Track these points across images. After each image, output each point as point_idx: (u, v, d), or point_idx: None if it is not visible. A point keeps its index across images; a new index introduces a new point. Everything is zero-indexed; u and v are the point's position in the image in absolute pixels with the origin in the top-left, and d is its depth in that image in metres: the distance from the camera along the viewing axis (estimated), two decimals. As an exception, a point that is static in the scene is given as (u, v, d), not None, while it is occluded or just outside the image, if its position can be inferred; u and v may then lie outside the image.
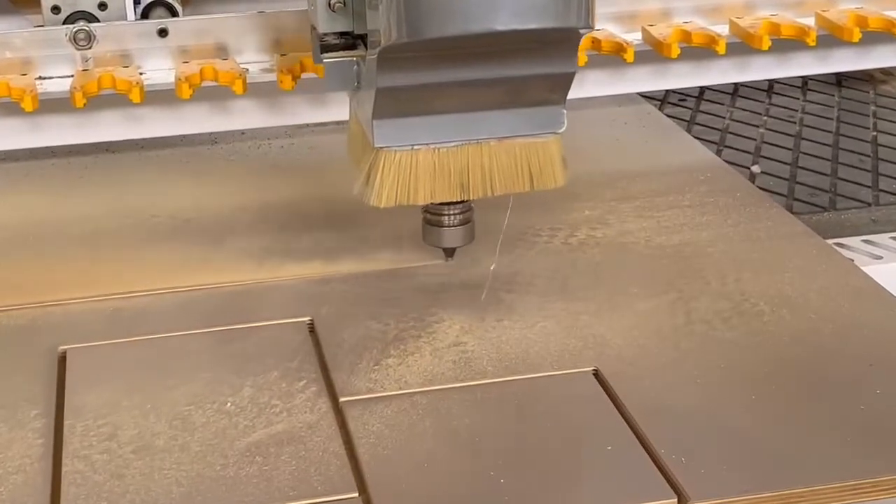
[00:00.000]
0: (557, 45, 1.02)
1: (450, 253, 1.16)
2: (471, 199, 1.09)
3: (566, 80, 1.05)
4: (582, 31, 1.01)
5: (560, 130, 1.08)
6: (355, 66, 1.07)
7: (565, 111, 1.07)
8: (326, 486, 0.87)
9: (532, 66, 1.03)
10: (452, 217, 1.13)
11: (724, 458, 0.88)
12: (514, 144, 1.07)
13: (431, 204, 1.11)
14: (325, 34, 1.08)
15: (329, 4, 1.07)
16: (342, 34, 1.08)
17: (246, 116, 1.43)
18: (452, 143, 1.06)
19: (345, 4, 1.07)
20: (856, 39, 1.41)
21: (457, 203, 1.12)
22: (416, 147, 1.06)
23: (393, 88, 1.02)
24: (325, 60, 1.08)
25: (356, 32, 1.07)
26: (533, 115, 1.06)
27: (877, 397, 0.95)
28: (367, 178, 1.07)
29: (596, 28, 1.25)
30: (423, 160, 1.06)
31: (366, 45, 1.06)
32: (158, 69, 1.36)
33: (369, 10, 1.02)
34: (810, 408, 0.94)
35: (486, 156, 1.07)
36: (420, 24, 0.96)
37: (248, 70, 1.35)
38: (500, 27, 0.97)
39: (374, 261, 1.18)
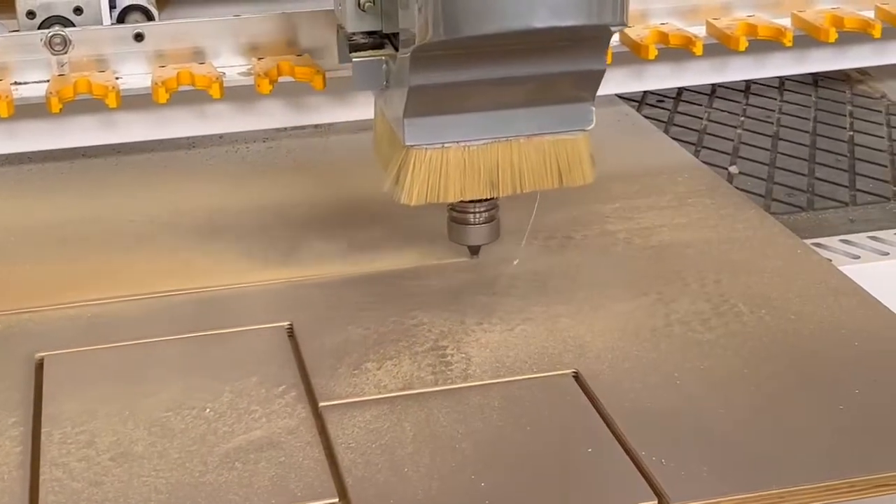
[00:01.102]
0: (588, 42, 1.03)
1: (475, 251, 1.17)
2: (500, 196, 1.10)
3: (596, 78, 1.06)
4: (613, 28, 1.01)
5: (589, 127, 1.08)
6: (384, 66, 1.08)
7: (594, 108, 1.08)
8: (306, 492, 0.87)
9: (562, 64, 1.04)
10: (478, 215, 1.13)
11: (704, 459, 0.88)
12: (542, 142, 1.08)
13: (457, 202, 1.11)
14: (354, 33, 1.08)
15: (359, 4, 1.07)
16: (370, 33, 1.08)
17: (223, 120, 1.43)
18: (482, 141, 1.07)
19: (374, 3, 1.07)
20: (832, 40, 1.41)
21: (482, 201, 1.12)
22: (446, 145, 1.06)
23: (425, 87, 1.02)
24: (354, 60, 1.08)
25: (385, 31, 1.08)
26: (562, 112, 1.07)
27: (855, 397, 0.95)
28: (397, 176, 1.08)
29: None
30: (453, 158, 1.07)
31: (394, 45, 1.07)
32: (135, 74, 1.36)
33: (401, 10, 1.02)
34: (789, 408, 0.94)
35: (515, 153, 1.08)
36: (458, 22, 0.97)
37: (224, 74, 1.34)
38: (539, 24, 0.97)
39: (354, 265, 1.18)
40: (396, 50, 1.06)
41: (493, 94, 1.05)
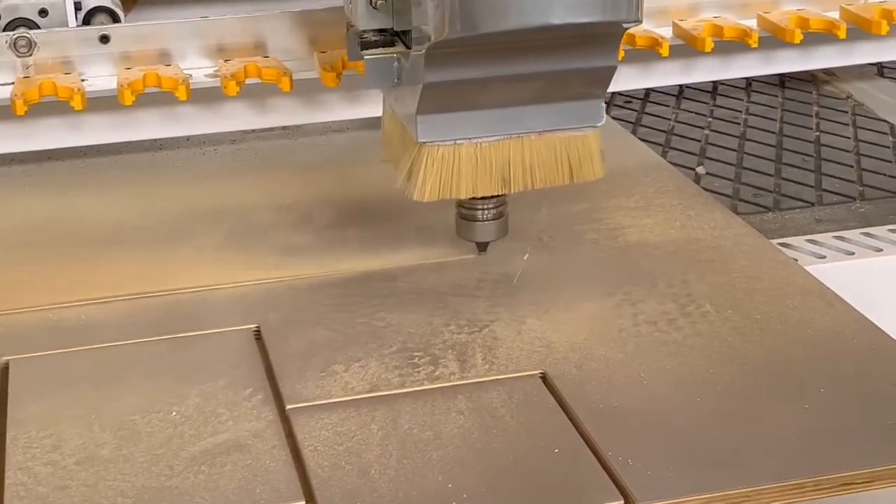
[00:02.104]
0: (602, 39, 1.04)
1: (482, 247, 1.17)
2: (511, 192, 1.10)
3: (608, 74, 1.07)
4: (626, 26, 1.02)
5: (599, 124, 1.09)
6: (395, 63, 1.08)
7: (604, 105, 1.09)
8: (273, 495, 0.87)
9: (575, 61, 1.05)
10: (486, 211, 1.14)
11: (670, 459, 0.88)
12: (553, 138, 1.08)
13: (466, 199, 1.12)
14: (364, 31, 1.08)
15: (370, 2, 1.07)
16: (380, 31, 1.08)
17: (190, 122, 1.42)
18: (494, 138, 1.07)
19: (386, 1, 1.07)
20: (797, 41, 1.42)
21: (491, 198, 1.12)
22: (458, 142, 1.07)
23: (439, 84, 1.03)
24: (365, 57, 1.08)
25: (396, 29, 1.08)
26: (573, 109, 1.08)
27: (820, 396, 0.95)
28: (410, 173, 1.08)
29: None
30: (465, 155, 1.07)
31: (404, 42, 1.07)
32: (101, 76, 1.35)
33: (414, 7, 1.03)
34: (755, 408, 0.95)
35: (526, 150, 1.08)
36: (475, 19, 0.97)
37: (191, 76, 1.34)
38: (556, 21, 0.98)
39: (322, 267, 1.18)
40: (407, 47, 1.07)
41: (505, 90, 1.06)
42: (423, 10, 1.00)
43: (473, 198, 1.12)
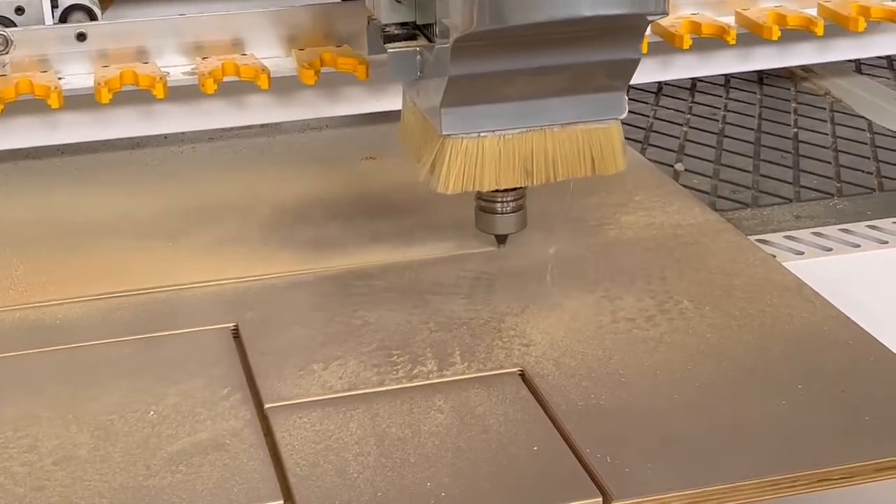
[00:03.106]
0: (626, 31, 1.05)
1: (502, 240, 1.17)
2: (534, 184, 1.11)
3: (631, 67, 1.07)
4: (651, 18, 1.03)
5: (622, 116, 1.10)
6: (418, 56, 1.08)
7: (626, 97, 1.09)
8: (251, 494, 0.87)
9: (599, 53, 1.05)
10: (506, 204, 1.14)
11: (648, 455, 0.89)
12: (576, 130, 1.09)
13: (485, 191, 1.12)
14: (387, 25, 1.08)
15: None
16: (402, 24, 1.09)
17: (168, 120, 1.41)
18: (517, 130, 1.08)
19: None
20: (775, 37, 1.42)
21: (510, 190, 1.13)
22: (482, 134, 1.07)
23: (464, 76, 1.03)
24: (389, 50, 1.08)
25: (418, 23, 1.08)
26: (595, 101, 1.09)
27: (798, 393, 0.96)
28: (433, 166, 1.08)
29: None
30: (488, 147, 1.08)
31: (426, 36, 1.07)
32: (78, 74, 1.34)
33: (439, 1, 1.03)
34: (733, 404, 0.95)
35: (549, 142, 1.09)
36: (503, 12, 0.97)
37: (168, 74, 1.33)
38: (586, 13, 0.98)
39: (301, 265, 1.17)
40: (429, 41, 1.07)
41: (529, 83, 1.06)
42: (449, 3, 1.00)
43: (493, 190, 1.12)
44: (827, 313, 1.06)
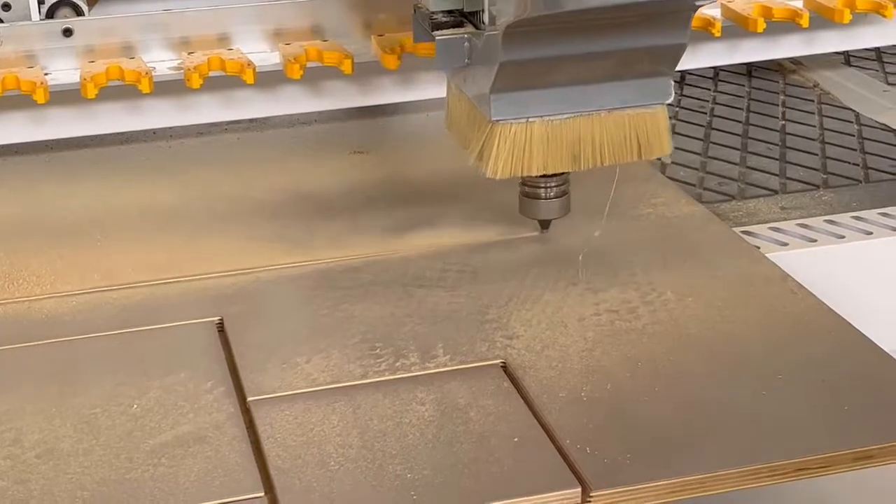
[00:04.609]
0: (674, 16, 1.05)
1: (545, 225, 1.18)
2: (581, 169, 1.11)
3: (678, 51, 1.08)
4: (698, 3, 1.05)
5: (668, 101, 1.10)
6: (465, 43, 1.09)
7: (673, 82, 1.10)
8: (233, 487, 0.87)
9: (647, 38, 1.06)
10: (549, 190, 1.15)
11: (627, 446, 0.89)
12: (623, 115, 1.10)
13: (529, 176, 1.13)
14: (435, 12, 1.10)
15: None
16: (449, 12, 1.10)
17: (156, 116, 1.42)
18: (565, 116, 1.09)
19: None
20: (760, 30, 1.42)
21: (553, 176, 1.14)
22: (530, 119, 1.08)
23: (513, 62, 1.04)
24: (437, 38, 1.09)
25: (465, 10, 1.10)
26: (642, 86, 1.09)
27: (778, 383, 0.96)
28: (481, 152, 1.09)
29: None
30: (537, 132, 1.08)
31: (473, 23, 1.09)
32: (64, 69, 1.34)
33: None
34: (713, 395, 0.95)
35: (596, 127, 1.10)
36: None
37: (155, 69, 1.33)
38: None
39: (285, 258, 1.18)
40: (476, 28, 1.08)
41: (577, 68, 1.07)
42: None
43: (536, 176, 1.13)
44: (809, 304, 1.07)
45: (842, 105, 1.61)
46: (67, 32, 1.34)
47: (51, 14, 1.39)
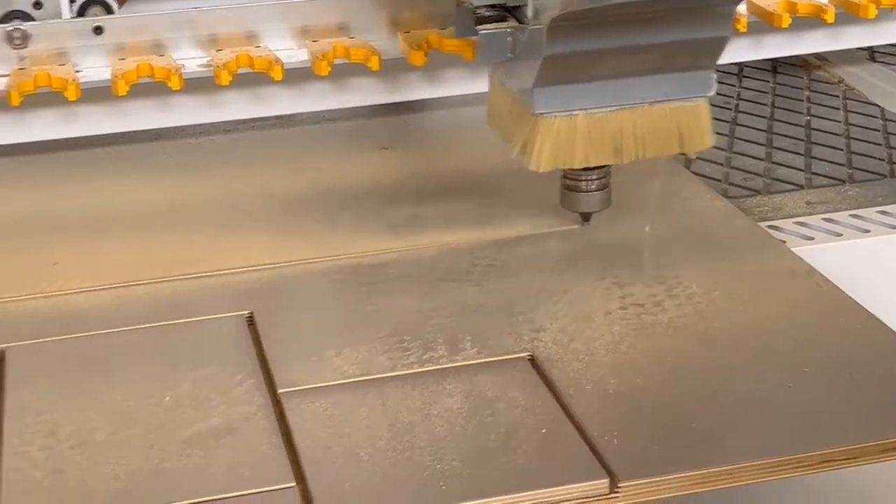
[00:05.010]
0: (717, 9, 1.06)
1: (586, 217, 1.19)
2: (624, 162, 1.12)
3: (720, 45, 1.09)
4: None
5: (710, 94, 1.11)
6: (508, 38, 1.10)
7: (714, 75, 1.11)
8: (264, 477, 0.88)
9: (689, 31, 1.07)
10: (590, 182, 1.16)
11: (655, 437, 0.90)
12: (665, 108, 1.11)
13: (570, 169, 1.14)
14: (478, 7, 1.11)
15: None
16: (493, 6, 1.12)
17: (185, 113, 1.43)
18: (607, 108, 1.10)
19: None
20: (785, 25, 1.43)
21: (594, 169, 1.15)
22: (573, 112, 1.09)
23: (557, 56, 1.05)
24: (480, 32, 1.11)
25: (508, 4, 1.11)
26: (684, 79, 1.10)
27: (805, 375, 0.97)
28: (525, 145, 1.10)
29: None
30: (580, 125, 1.10)
31: (516, 17, 1.10)
32: (95, 67, 1.36)
33: None
34: (739, 387, 0.96)
35: (638, 120, 1.11)
36: None
37: (184, 66, 1.35)
38: None
39: (315, 253, 1.19)
40: (519, 22, 1.10)
41: (620, 62, 1.08)
42: None
43: (578, 169, 1.14)
44: (835, 298, 1.07)
45: (867, 100, 1.61)
46: (98, 30, 1.36)
47: (81, 12, 1.41)
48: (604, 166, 1.15)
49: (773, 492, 0.99)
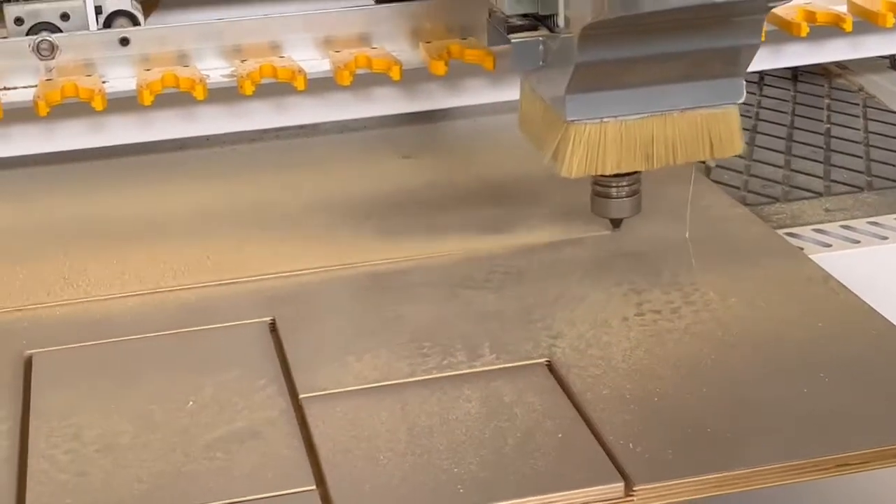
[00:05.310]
0: (747, 17, 1.08)
1: (616, 223, 1.21)
2: (654, 168, 1.14)
3: (750, 52, 1.11)
4: (771, 4, 1.08)
5: (740, 101, 1.13)
6: (540, 46, 1.12)
7: (744, 82, 1.12)
8: (285, 480, 0.90)
9: (720, 39, 1.09)
10: (620, 189, 1.18)
11: (670, 442, 0.91)
12: (695, 115, 1.12)
13: (601, 176, 1.16)
14: (510, 16, 1.13)
15: None
16: (524, 16, 1.14)
17: (209, 122, 1.45)
18: (638, 115, 1.11)
19: None
20: (804, 34, 1.43)
21: (624, 175, 1.17)
22: (604, 120, 1.11)
23: (589, 64, 1.07)
24: (513, 41, 1.13)
25: (541, 14, 1.13)
26: (714, 86, 1.12)
27: (820, 381, 0.97)
28: (557, 151, 1.12)
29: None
30: (611, 132, 1.11)
31: (547, 26, 1.12)
32: (121, 77, 1.38)
33: None
34: (755, 392, 0.97)
35: (669, 127, 1.12)
36: None
37: (209, 76, 1.37)
38: None
39: (337, 260, 1.20)
40: (550, 31, 1.12)
41: (650, 69, 1.09)
42: None
43: (608, 175, 1.16)
44: (852, 304, 1.08)
45: (886, 108, 1.62)
46: (124, 42, 1.38)
47: (108, 24, 1.43)
48: (634, 172, 1.17)
49: (788, 496, 1.00)
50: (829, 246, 1.25)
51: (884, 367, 1.00)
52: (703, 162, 1.47)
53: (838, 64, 1.72)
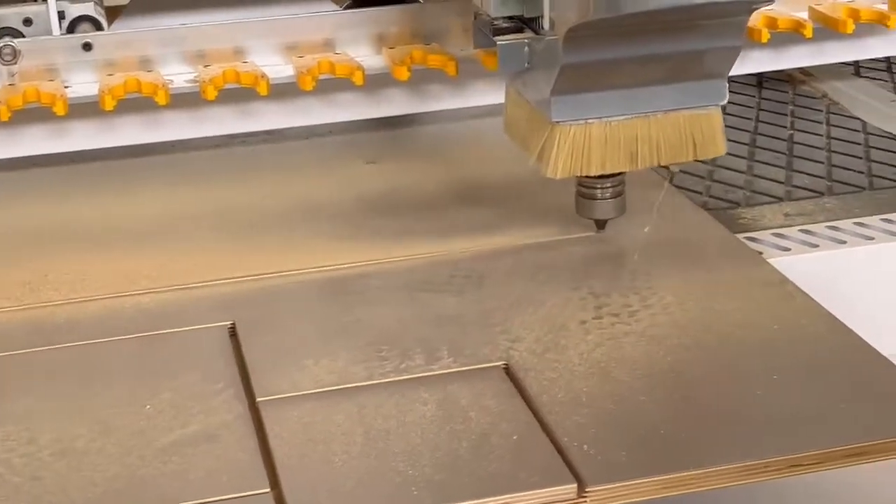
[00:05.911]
0: (730, 19, 1.09)
1: (601, 225, 1.22)
2: (638, 168, 1.15)
3: (733, 54, 1.12)
4: (754, 7, 1.09)
5: (722, 102, 1.14)
6: (525, 48, 1.13)
7: (727, 84, 1.13)
8: (240, 483, 0.90)
9: (703, 41, 1.10)
10: (605, 190, 1.19)
11: (624, 444, 0.91)
12: (679, 116, 1.14)
13: (585, 177, 1.17)
14: (496, 18, 1.14)
15: None
16: (510, 18, 1.14)
17: (173, 128, 1.45)
18: (623, 117, 1.12)
19: None
20: (764, 40, 1.45)
21: (608, 176, 1.18)
22: (589, 121, 1.11)
23: (574, 65, 1.08)
24: (499, 43, 1.14)
25: (526, 16, 1.14)
26: (698, 88, 1.13)
27: (773, 383, 0.98)
28: (542, 152, 1.13)
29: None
30: (595, 133, 1.12)
31: (532, 28, 1.13)
32: (84, 82, 1.38)
33: None
34: (710, 394, 0.97)
35: (653, 128, 1.13)
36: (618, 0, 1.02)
37: (171, 81, 1.37)
38: (699, 0, 1.03)
39: (295, 264, 1.21)
40: (535, 33, 1.12)
41: (635, 71, 1.10)
42: None
43: (593, 177, 1.17)
44: (806, 307, 1.09)
45: (849, 114, 1.63)
46: (87, 47, 1.38)
47: (71, 29, 1.43)
48: (618, 174, 1.18)
49: (745, 497, 1.00)
50: (789, 250, 1.26)
51: (837, 370, 1.01)
52: (667, 167, 1.48)
53: (802, 71, 1.74)
